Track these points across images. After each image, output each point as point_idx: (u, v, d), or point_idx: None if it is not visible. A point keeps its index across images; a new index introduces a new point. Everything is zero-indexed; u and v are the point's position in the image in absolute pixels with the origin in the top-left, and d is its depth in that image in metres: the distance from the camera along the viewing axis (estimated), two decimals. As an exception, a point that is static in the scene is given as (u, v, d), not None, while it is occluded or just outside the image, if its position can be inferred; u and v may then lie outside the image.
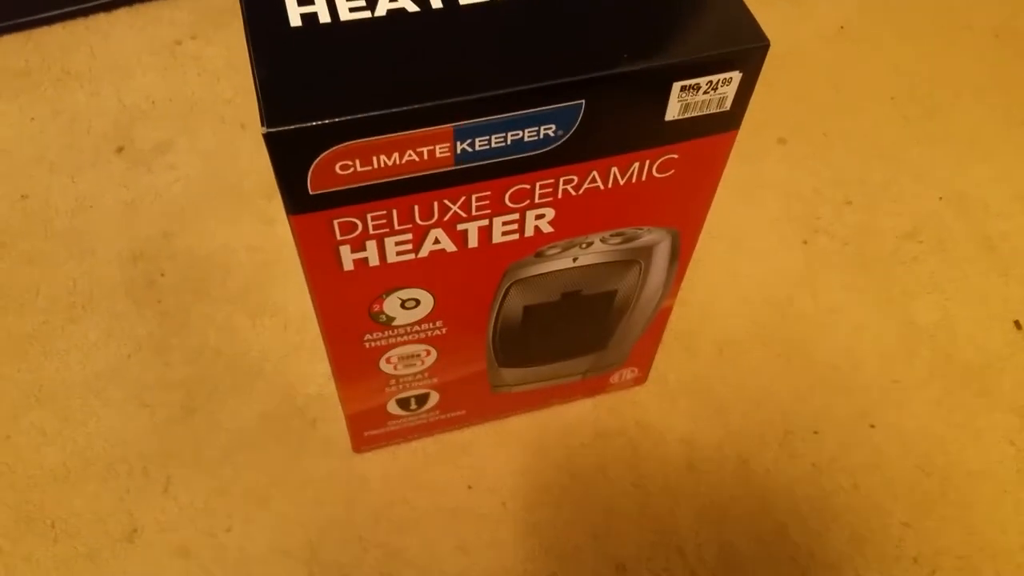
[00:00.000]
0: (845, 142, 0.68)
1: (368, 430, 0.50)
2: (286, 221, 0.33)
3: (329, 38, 0.32)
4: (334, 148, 0.31)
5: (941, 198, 0.65)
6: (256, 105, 0.65)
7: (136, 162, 0.64)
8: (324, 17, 0.32)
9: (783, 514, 0.51)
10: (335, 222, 0.34)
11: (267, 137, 0.29)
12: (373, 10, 0.32)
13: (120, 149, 0.65)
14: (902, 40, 0.75)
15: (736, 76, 0.33)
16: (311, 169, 0.31)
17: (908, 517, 0.51)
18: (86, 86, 0.68)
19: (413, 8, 0.33)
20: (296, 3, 0.32)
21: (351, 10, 0.32)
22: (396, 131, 0.31)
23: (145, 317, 0.57)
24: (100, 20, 0.73)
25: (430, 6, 0.33)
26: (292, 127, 0.29)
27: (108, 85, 0.68)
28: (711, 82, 0.33)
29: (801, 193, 0.65)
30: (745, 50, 0.33)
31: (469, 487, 0.51)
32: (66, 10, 0.72)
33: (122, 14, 0.73)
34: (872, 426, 0.54)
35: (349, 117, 0.30)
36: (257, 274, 0.58)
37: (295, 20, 0.32)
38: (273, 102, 0.30)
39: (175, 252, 0.59)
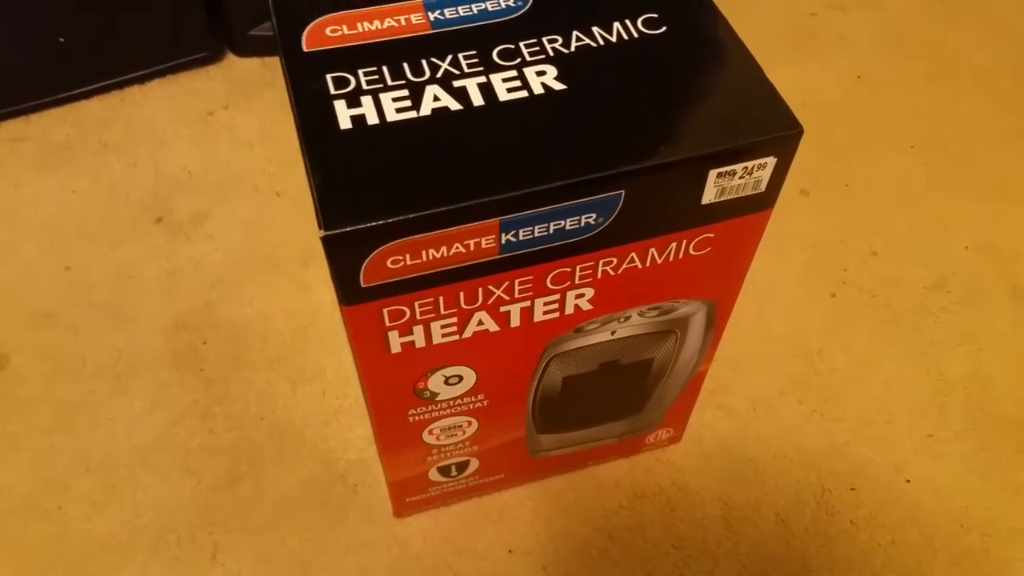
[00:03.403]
0: (868, 192, 0.69)
1: (409, 496, 0.51)
2: (322, 287, 0.34)
3: (378, 140, 0.33)
4: (386, 246, 0.32)
5: (967, 247, 0.65)
6: (290, 173, 0.66)
7: (175, 232, 0.66)
8: (372, 119, 0.33)
9: (823, 573, 0.51)
10: (384, 310, 0.35)
11: (324, 240, 0.31)
12: (418, 110, 0.34)
13: (159, 219, 0.67)
14: (919, 88, 0.76)
15: (771, 161, 0.34)
16: (364, 265, 0.32)
17: (948, 574, 0.51)
18: (123, 158, 0.71)
19: (456, 106, 0.34)
20: (345, 105, 0.34)
21: (397, 110, 0.34)
22: (445, 227, 0.32)
23: (188, 385, 0.58)
24: (135, 92, 0.75)
25: (472, 103, 0.34)
26: (348, 229, 0.31)
27: (145, 156, 0.71)
28: (747, 168, 0.34)
29: (827, 245, 0.65)
30: (779, 138, 0.34)
31: (510, 551, 0.52)
32: (102, 84, 0.74)
33: (155, 86, 0.76)
34: (908, 481, 0.55)
35: (401, 217, 0.31)
36: (296, 340, 0.60)
37: (345, 123, 0.33)
38: (329, 206, 0.31)
39: (216, 320, 0.61)
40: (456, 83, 0.34)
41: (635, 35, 0.36)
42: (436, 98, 0.34)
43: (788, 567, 0.51)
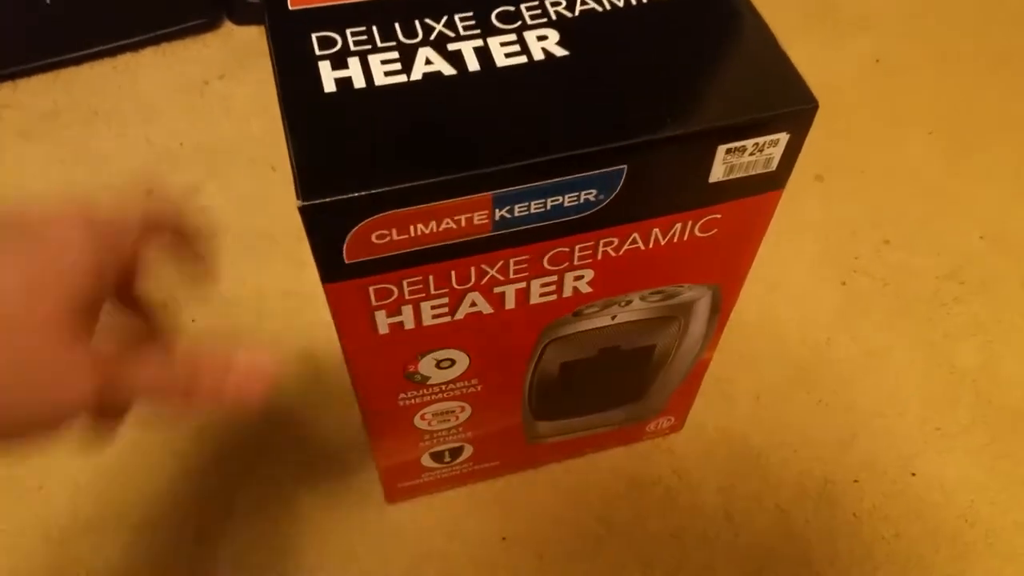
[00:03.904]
0: (883, 179, 0.66)
1: (402, 482, 0.49)
2: (318, 264, 0.33)
3: (364, 105, 0.31)
4: (370, 219, 0.30)
5: (982, 237, 0.63)
6: (286, 146, 0.64)
7: (166, 205, 0.64)
8: (359, 82, 0.31)
9: (824, 565, 0.50)
10: (370, 289, 0.33)
11: (302, 210, 0.29)
12: (409, 74, 0.32)
13: (149, 192, 0.64)
14: (939, 74, 0.74)
15: (783, 137, 0.32)
16: (347, 240, 0.31)
17: (951, 569, 0.50)
18: (114, 127, 0.69)
19: (449, 71, 0.32)
20: (330, 67, 0.32)
21: (386, 74, 0.32)
22: (433, 200, 0.30)
23: (175, 363, 0.56)
24: (128, 60, 0.73)
25: (466, 68, 0.32)
26: (327, 200, 0.29)
27: (136, 126, 0.68)
28: (757, 144, 0.32)
29: (839, 232, 0.63)
30: (793, 112, 0.32)
31: (503, 538, 0.50)
32: (94, 50, 0.72)
33: (149, 53, 0.74)
34: (913, 474, 0.53)
35: (385, 189, 0.29)
36: (290, 319, 0.58)
37: (329, 85, 0.31)
38: (308, 174, 0.29)
39: (207, 297, 0.59)
40: (451, 46, 0.32)
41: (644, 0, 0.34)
42: (428, 61, 0.32)
43: (788, 558, 0.49)
